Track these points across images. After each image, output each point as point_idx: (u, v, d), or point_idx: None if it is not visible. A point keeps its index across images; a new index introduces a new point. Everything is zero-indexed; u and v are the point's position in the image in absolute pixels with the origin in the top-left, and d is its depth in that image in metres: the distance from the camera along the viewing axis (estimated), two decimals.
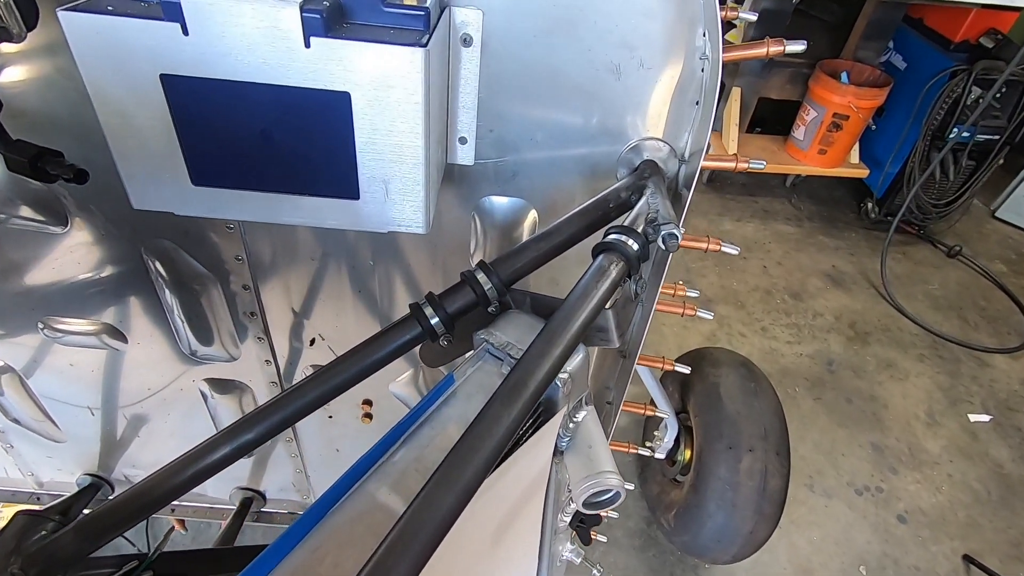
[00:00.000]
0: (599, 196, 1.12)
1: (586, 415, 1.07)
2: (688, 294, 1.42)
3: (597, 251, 1.00)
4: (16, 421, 1.76)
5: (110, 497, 1.95)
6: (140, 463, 1.86)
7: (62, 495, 1.93)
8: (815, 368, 3.73)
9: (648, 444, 2.92)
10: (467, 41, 1.06)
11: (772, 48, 0.99)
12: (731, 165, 1.12)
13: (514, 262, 1.07)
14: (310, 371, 1.59)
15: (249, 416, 1.00)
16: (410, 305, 1.05)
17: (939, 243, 4.65)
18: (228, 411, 1.69)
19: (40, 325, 1.50)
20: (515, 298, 1.18)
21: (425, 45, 0.83)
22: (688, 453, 2.77)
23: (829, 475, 3.26)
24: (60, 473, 1.90)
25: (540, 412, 0.99)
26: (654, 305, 1.19)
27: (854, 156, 4.51)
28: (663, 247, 0.97)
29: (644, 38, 1.06)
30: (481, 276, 1.05)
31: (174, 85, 0.85)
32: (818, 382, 3.66)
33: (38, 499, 1.96)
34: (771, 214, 4.81)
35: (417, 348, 1.08)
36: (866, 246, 4.59)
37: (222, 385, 1.63)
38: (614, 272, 0.96)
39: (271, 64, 0.83)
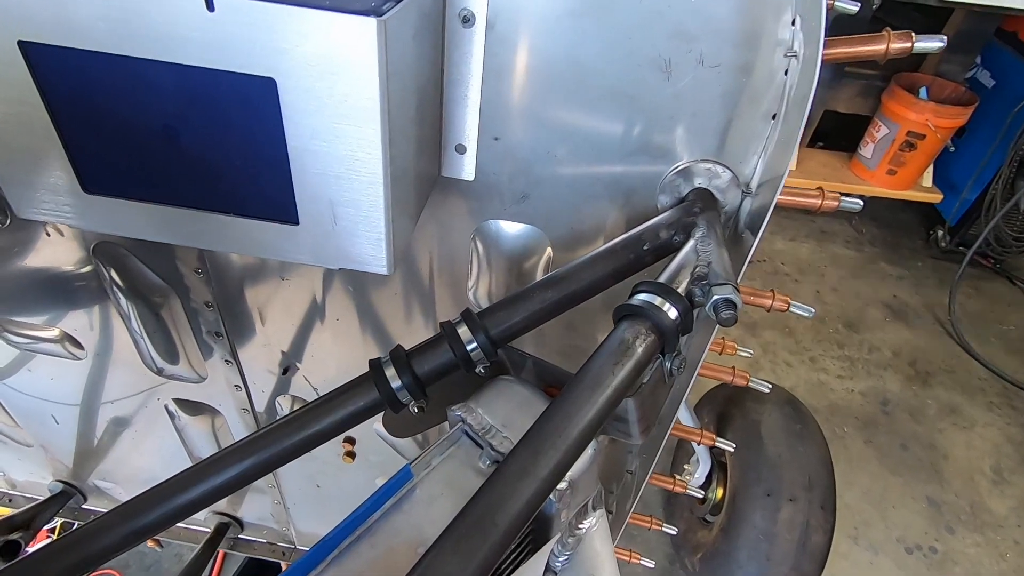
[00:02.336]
0: (632, 233, 0.82)
1: (592, 525, 0.77)
2: (740, 352, 1.10)
3: (620, 315, 0.70)
4: None
5: (81, 506, 1.77)
6: (112, 476, 1.67)
7: (36, 498, 1.76)
8: (868, 407, 3.31)
9: (677, 477, 2.62)
10: (467, 20, 0.77)
11: (895, 43, 0.67)
12: (815, 202, 0.79)
13: (511, 314, 0.78)
14: (285, 401, 1.34)
15: (179, 478, 0.76)
16: (370, 362, 0.78)
17: (1018, 280, 4.10)
18: (200, 434, 1.47)
19: None
20: (512, 359, 0.89)
21: (382, 14, 0.55)
22: (720, 492, 2.46)
23: (877, 528, 2.86)
24: (33, 476, 1.73)
25: (527, 537, 0.70)
26: (693, 378, 0.89)
27: (927, 179, 4.00)
28: (714, 317, 0.67)
29: (707, 25, 0.74)
30: (464, 331, 0.76)
31: (40, 58, 0.59)
32: (870, 423, 3.24)
33: (10, 500, 1.80)
34: (829, 235, 4.34)
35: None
36: (933, 277, 4.08)
37: (192, 407, 1.41)
38: (640, 349, 0.65)
39: (165, 34, 0.56)
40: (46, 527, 1.97)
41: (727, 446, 1.17)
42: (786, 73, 0.75)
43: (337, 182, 0.64)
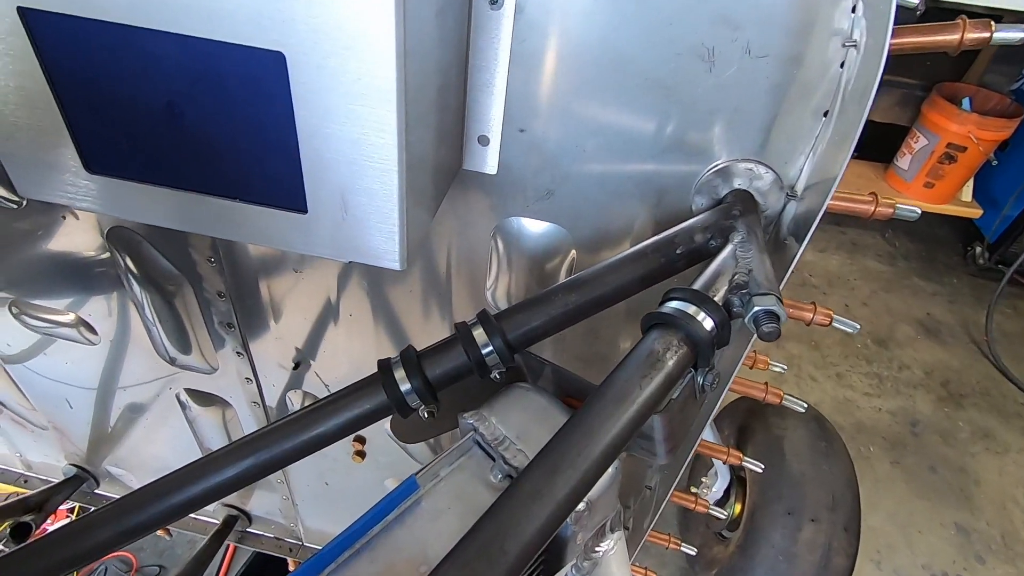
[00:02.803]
0: (664, 235, 0.76)
1: (610, 549, 0.71)
2: (772, 367, 1.03)
3: (650, 324, 0.63)
4: (1, 404, 1.58)
5: (94, 491, 1.75)
6: (125, 463, 1.65)
7: (51, 481, 1.75)
8: (896, 427, 3.18)
9: (693, 490, 2.53)
10: (495, 1, 0.71)
11: (972, 33, 0.59)
12: (867, 208, 0.72)
13: (530, 317, 0.72)
14: (296, 396, 1.30)
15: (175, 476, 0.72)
16: (379, 362, 0.73)
17: None
18: (211, 426, 1.43)
19: (9, 306, 1.29)
20: (530, 366, 0.83)
21: None
22: (738, 507, 2.37)
23: (901, 553, 2.73)
24: (48, 458, 1.72)
25: (539, 561, 0.65)
26: (723, 393, 0.82)
27: (966, 193, 3.83)
28: (754, 330, 0.60)
29: (755, 12, 0.68)
30: (479, 333, 0.71)
31: (41, 27, 0.55)
32: (898, 443, 3.11)
33: (26, 481, 1.79)
34: (860, 248, 4.19)
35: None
36: (970, 295, 3.91)
37: (203, 398, 1.38)
38: (671, 361, 0.59)
39: (169, 1, 0.52)
40: (63, 508, 1.96)
41: (755, 467, 1.09)
42: (842, 65, 0.68)
43: (349, 168, 0.59)
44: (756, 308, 0.60)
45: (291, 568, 1.81)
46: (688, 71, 0.73)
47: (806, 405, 0.94)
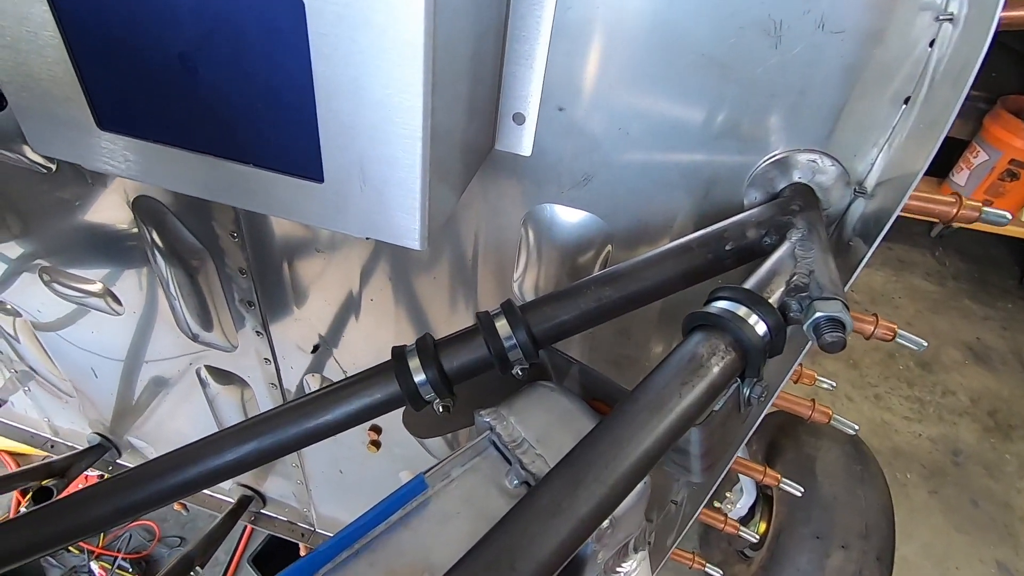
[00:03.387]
0: (712, 229, 0.68)
1: (632, 570, 0.64)
2: (820, 383, 0.94)
3: (693, 325, 0.56)
4: (32, 369, 1.59)
5: (116, 460, 1.76)
6: (146, 435, 1.65)
7: (76, 448, 1.76)
8: (936, 455, 2.99)
9: (717, 505, 2.42)
10: None
11: None
12: (948, 210, 0.63)
13: (558, 311, 0.65)
14: (314, 380, 1.26)
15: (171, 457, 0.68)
16: (393, 350, 0.67)
17: None
18: (229, 404, 1.41)
19: (40, 272, 1.28)
20: (555, 363, 0.77)
21: None
22: (763, 526, 2.26)
23: None
24: (74, 425, 1.73)
25: None
26: (767, 408, 0.74)
27: None
28: (813, 338, 0.52)
29: None
30: (502, 325, 0.64)
31: None
32: (938, 472, 2.93)
33: (52, 446, 1.81)
34: (907, 265, 3.98)
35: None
36: None
37: (222, 376, 1.35)
38: (716, 368, 0.52)
39: None
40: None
41: (794, 489, 1.00)
42: (931, 45, 0.59)
43: (370, 134, 0.54)
44: (818, 314, 0.52)
45: (302, 553, 1.79)
46: (750, 48, 0.65)
47: (856, 427, 0.84)
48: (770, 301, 0.55)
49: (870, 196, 0.67)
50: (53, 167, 1.06)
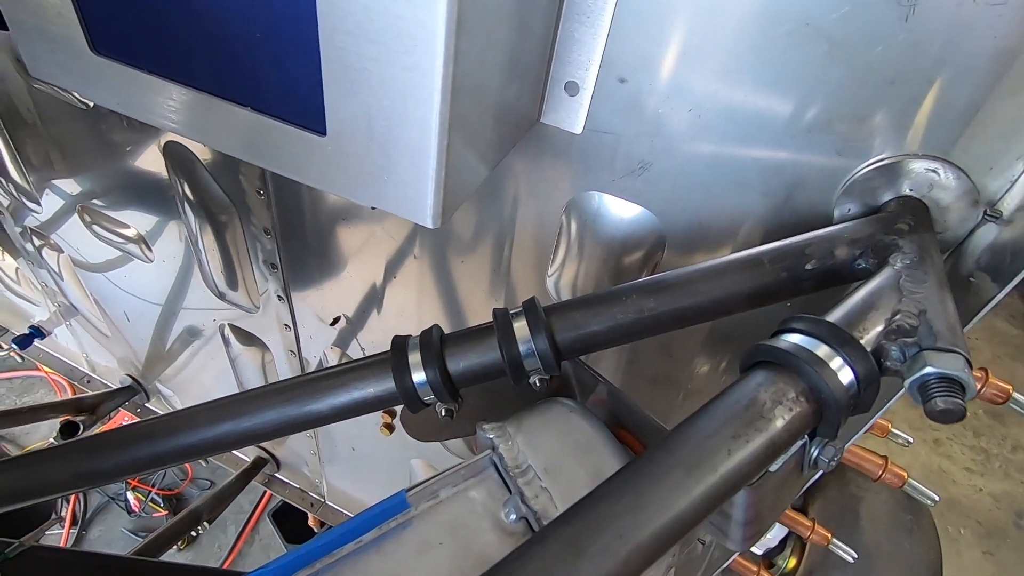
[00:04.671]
0: (791, 242, 0.55)
1: None
2: (895, 436, 0.79)
3: (755, 360, 0.44)
4: (73, 306, 1.59)
5: (144, 404, 1.76)
6: (172, 384, 1.64)
7: (110, 387, 1.78)
8: (996, 513, 2.71)
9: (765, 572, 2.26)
10: None
11: None
12: None
13: (590, 318, 0.54)
14: (333, 354, 1.19)
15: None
16: (394, 340, 0.57)
17: None
18: (250, 366, 1.36)
19: (80, 212, 1.26)
20: (580, 379, 0.65)
21: None
22: (793, 562, 2.08)
23: None
24: (110, 364, 1.74)
25: None
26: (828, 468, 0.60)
27: None
28: (919, 400, 0.39)
29: None
30: (520, 327, 0.53)
31: None
32: (996, 532, 2.65)
33: (88, 382, 1.83)
34: None
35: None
36: None
37: (245, 336, 1.30)
38: (781, 422, 0.39)
39: None
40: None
41: (846, 554, 0.85)
42: None
43: (379, 82, 0.43)
44: (929, 369, 0.39)
45: (310, 523, 1.76)
46: (871, 19, 0.51)
47: (937, 499, 0.69)
48: (862, 342, 0.42)
49: (1005, 222, 0.52)
50: (90, 103, 1.01)
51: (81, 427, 1.54)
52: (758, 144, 0.62)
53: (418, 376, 0.55)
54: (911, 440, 0.81)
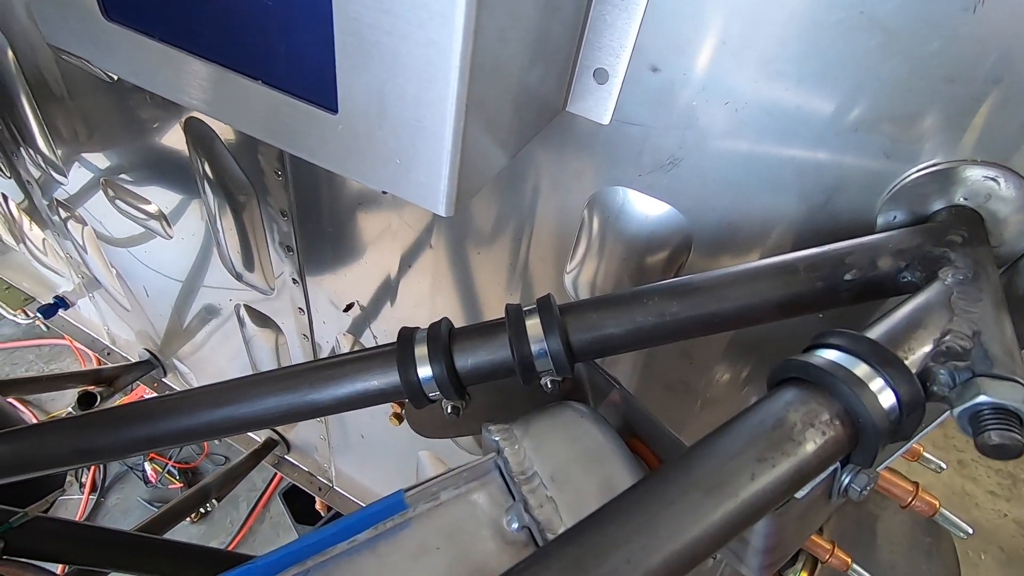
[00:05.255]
0: (828, 249, 0.50)
1: None
2: (927, 460, 0.74)
3: (784, 376, 0.40)
4: (96, 279, 1.61)
5: (161, 379, 1.78)
6: (189, 361, 1.64)
7: (129, 360, 1.80)
8: (1020, 540, 2.61)
9: None
10: None
11: None
12: None
13: (607, 320, 0.51)
14: (346, 340, 1.18)
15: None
16: (401, 332, 0.55)
17: None
18: (263, 348, 1.36)
19: (103, 185, 1.26)
20: (595, 383, 0.62)
21: None
22: None
23: None
24: (130, 337, 1.76)
25: None
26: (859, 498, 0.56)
27: None
28: (969, 431, 0.35)
29: None
30: (533, 325, 0.50)
31: None
32: (1018, 559, 2.55)
33: (108, 354, 1.86)
34: None
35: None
36: None
37: (259, 317, 1.29)
38: (812, 446, 0.36)
39: None
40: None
41: None
42: None
43: (392, 57, 0.40)
44: (982, 399, 0.35)
45: (317, 507, 1.76)
46: (935, 9, 0.46)
47: (971, 531, 0.65)
48: (906, 363, 0.38)
49: None
50: (115, 76, 1.00)
51: (99, 398, 1.56)
52: (797, 142, 0.57)
53: (424, 371, 0.52)
54: (944, 466, 0.76)
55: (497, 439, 0.51)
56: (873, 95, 0.52)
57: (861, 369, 0.37)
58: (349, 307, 1.08)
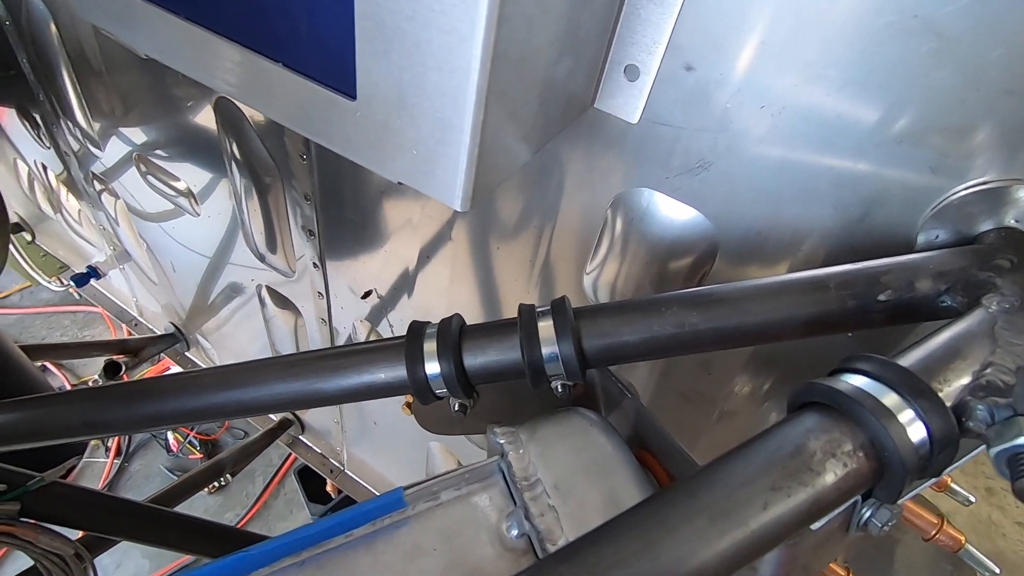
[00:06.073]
0: (861, 266, 0.48)
1: None
2: (955, 492, 0.71)
3: (806, 400, 0.37)
4: (127, 252, 1.64)
5: (184, 352, 1.81)
6: (212, 338, 1.67)
7: (155, 332, 1.84)
8: None
9: None
10: None
11: None
12: None
13: (623, 326, 0.49)
14: (363, 327, 1.17)
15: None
16: (411, 325, 0.53)
17: None
18: (282, 330, 1.37)
19: (136, 160, 1.28)
20: (607, 390, 0.60)
21: None
22: None
23: None
24: (157, 310, 1.79)
25: None
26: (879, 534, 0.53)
27: None
28: (1007, 474, 0.32)
29: None
30: (545, 327, 0.49)
31: None
32: None
33: (136, 325, 1.90)
34: None
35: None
36: None
37: (279, 299, 1.30)
38: (831, 477, 0.33)
39: None
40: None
41: None
42: None
43: (414, 44, 0.39)
44: (1023, 440, 0.32)
45: (328, 490, 1.78)
46: (997, 16, 0.43)
47: (999, 571, 0.61)
48: (941, 395, 0.35)
49: None
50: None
51: (124, 367, 1.60)
52: (836, 151, 0.54)
53: (432, 367, 0.51)
54: (973, 499, 0.72)
55: (502, 442, 0.50)
56: (922, 105, 0.49)
57: (890, 399, 0.35)
58: (367, 294, 1.08)
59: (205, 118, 1.05)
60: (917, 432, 0.34)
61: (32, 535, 0.73)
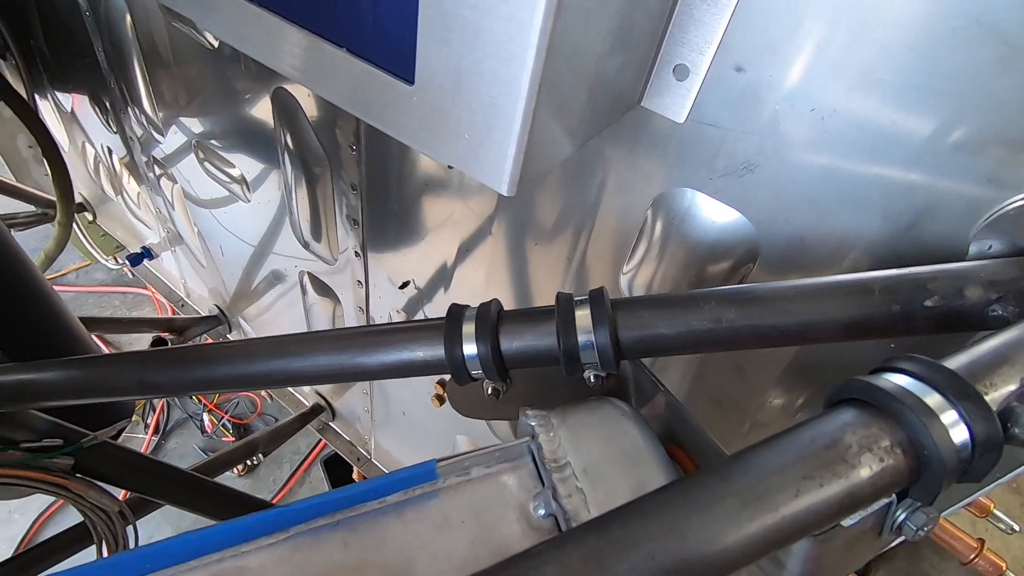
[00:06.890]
0: (909, 271, 0.47)
1: None
2: (997, 520, 0.68)
3: (846, 396, 0.37)
4: (179, 235, 1.72)
5: (226, 335, 1.87)
6: (253, 323, 1.73)
7: (199, 313, 1.91)
8: None
9: None
10: None
11: None
12: None
13: (660, 320, 0.49)
14: (397, 316, 1.20)
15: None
16: (450, 308, 0.55)
17: None
18: (321, 316, 1.41)
19: (194, 147, 1.34)
20: (639, 383, 0.60)
21: None
22: None
23: None
24: (203, 292, 1.87)
25: None
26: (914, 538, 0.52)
27: None
28: None
29: None
30: (582, 316, 0.50)
31: None
32: None
33: (183, 305, 1.98)
34: None
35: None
36: None
37: (320, 286, 1.34)
38: (867, 472, 0.33)
39: None
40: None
41: None
42: None
43: (474, 33, 0.41)
44: None
45: (355, 476, 1.81)
46: None
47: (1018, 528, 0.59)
48: (986, 398, 0.35)
49: None
50: (216, 44, 1.06)
51: (169, 344, 1.67)
52: (888, 160, 0.54)
53: (469, 348, 0.52)
54: (1016, 528, 0.69)
55: (533, 424, 0.51)
56: (983, 114, 0.48)
57: (933, 399, 0.35)
58: (405, 285, 1.11)
59: (261, 110, 1.09)
60: (959, 434, 0.34)
61: (83, 489, 0.77)
